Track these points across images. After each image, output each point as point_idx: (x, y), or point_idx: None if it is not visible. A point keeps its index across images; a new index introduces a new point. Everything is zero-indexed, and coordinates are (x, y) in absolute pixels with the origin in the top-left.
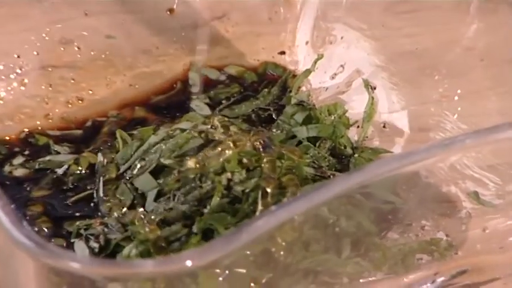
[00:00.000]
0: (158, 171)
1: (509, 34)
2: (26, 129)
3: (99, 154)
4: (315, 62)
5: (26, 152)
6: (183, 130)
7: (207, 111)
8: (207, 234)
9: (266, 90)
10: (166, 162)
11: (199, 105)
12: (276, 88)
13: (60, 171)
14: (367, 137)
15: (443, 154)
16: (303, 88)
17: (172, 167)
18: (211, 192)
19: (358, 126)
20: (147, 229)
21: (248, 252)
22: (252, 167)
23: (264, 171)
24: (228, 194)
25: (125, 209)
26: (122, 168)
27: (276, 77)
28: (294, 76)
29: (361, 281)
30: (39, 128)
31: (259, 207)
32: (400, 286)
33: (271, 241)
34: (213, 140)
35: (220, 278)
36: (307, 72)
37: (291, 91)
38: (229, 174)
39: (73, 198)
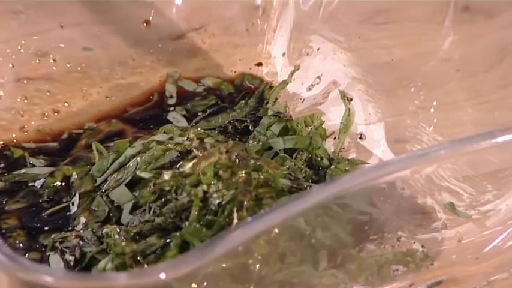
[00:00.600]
0: (134, 184)
1: (485, 45)
2: (1, 142)
3: (75, 167)
4: (292, 74)
5: (1, 165)
6: (159, 142)
7: (184, 123)
8: (183, 247)
9: (243, 101)
10: (143, 174)
11: (176, 117)
12: (252, 99)
13: (35, 184)
14: (343, 148)
15: (419, 165)
16: (280, 100)
17: (149, 180)
18: (187, 205)
19: (334, 138)
20: (122, 243)
21: (224, 265)
22: (228, 179)
23: (239, 184)
24: (204, 206)
25: (99, 223)
26: (98, 181)
27: (253, 89)
28: (271, 87)
29: None
30: (15, 140)
31: (235, 219)
32: None
33: (246, 253)
34: (189, 152)
35: None
36: (284, 83)
37: (267, 102)
38: (205, 187)
39: (48, 211)
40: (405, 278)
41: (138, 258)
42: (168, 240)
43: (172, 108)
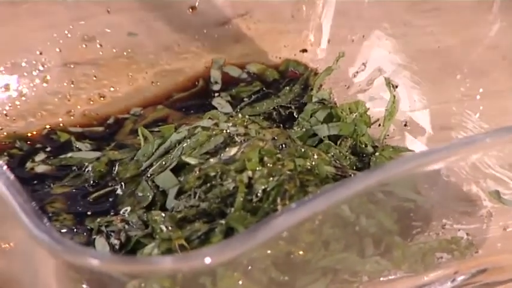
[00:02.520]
0: (179, 169)
1: None
2: (48, 126)
3: (120, 151)
4: (337, 60)
5: (48, 149)
6: (204, 128)
7: (228, 109)
8: (228, 233)
9: (287, 88)
10: (188, 160)
11: (220, 103)
12: (297, 86)
13: (81, 168)
14: (388, 135)
15: (464, 153)
16: (324, 86)
17: (194, 165)
18: (231, 191)
19: (379, 125)
20: (169, 228)
21: (267, 251)
22: (272, 166)
23: (284, 170)
24: (249, 192)
25: (144, 208)
26: (143, 166)
27: (297, 75)
28: (316, 74)
29: (380, 279)
30: (61, 124)
31: (279, 206)
32: (419, 285)
33: (290, 239)
34: (234, 138)
35: (239, 279)
36: (329, 70)
37: (312, 89)
38: (250, 173)
39: (94, 195)
40: (449, 266)
41: (183, 243)
42: (212, 226)
43: (217, 94)
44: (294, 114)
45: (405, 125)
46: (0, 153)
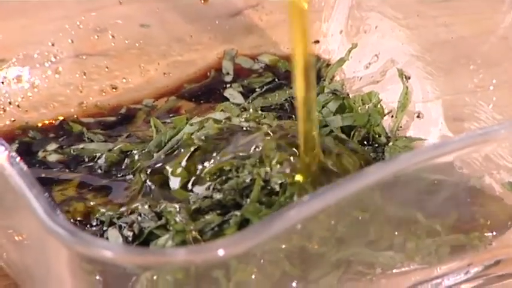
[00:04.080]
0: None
1: None
2: (61, 117)
3: (133, 143)
4: (349, 51)
5: (60, 139)
6: (216, 121)
7: (240, 99)
8: (242, 226)
9: None
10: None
11: (232, 94)
12: None
13: (94, 159)
14: (401, 126)
15: (478, 144)
16: (337, 77)
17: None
18: (248, 183)
19: (392, 116)
20: (183, 220)
21: (281, 244)
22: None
23: (300, 164)
24: (265, 185)
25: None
26: (155, 157)
27: None
28: (328, 65)
29: (394, 271)
30: (75, 116)
31: (296, 199)
32: (433, 277)
33: (303, 232)
34: (247, 131)
35: (253, 273)
36: (341, 61)
37: (324, 80)
38: (268, 168)
39: (106, 186)
40: (463, 258)
41: (197, 236)
42: (226, 218)
43: (228, 85)
44: None
45: (418, 116)
46: (12, 141)
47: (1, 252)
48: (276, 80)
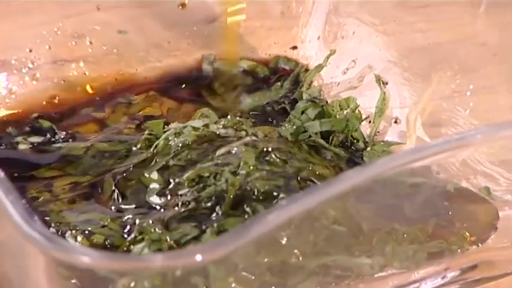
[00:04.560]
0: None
1: None
2: (35, 114)
3: (110, 143)
4: (327, 58)
5: (34, 137)
6: (195, 128)
7: (219, 102)
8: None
9: (278, 83)
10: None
11: (214, 98)
12: (287, 82)
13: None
14: (378, 132)
15: (455, 149)
16: (315, 83)
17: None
18: (224, 191)
19: (369, 122)
20: (158, 230)
21: (259, 251)
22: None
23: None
24: (243, 193)
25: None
26: (130, 161)
27: (288, 71)
28: (306, 70)
29: (372, 276)
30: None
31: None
32: (410, 281)
33: (282, 238)
34: (224, 138)
35: (232, 280)
36: (320, 67)
37: (302, 85)
38: (243, 173)
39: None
40: (440, 262)
41: (173, 245)
42: (203, 229)
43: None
44: (287, 109)
45: (395, 122)
46: None
47: None
48: (255, 83)
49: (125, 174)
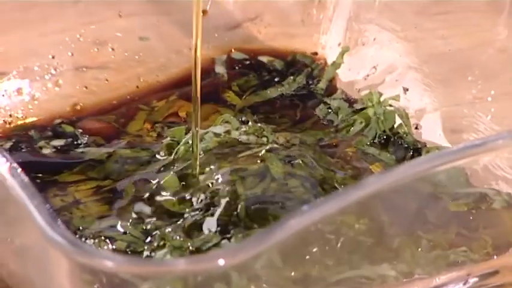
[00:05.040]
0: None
1: None
2: (59, 120)
3: (132, 149)
4: (342, 55)
5: (57, 141)
6: (216, 134)
7: (237, 100)
8: None
9: (291, 77)
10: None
11: (230, 96)
12: (301, 76)
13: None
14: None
15: (476, 155)
16: (338, 92)
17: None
18: (247, 198)
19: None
20: (179, 237)
21: (279, 259)
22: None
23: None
24: (265, 200)
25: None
26: (151, 167)
27: (304, 66)
28: (323, 69)
29: (393, 282)
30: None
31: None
32: (432, 287)
33: (303, 245)
34: (246, 145)
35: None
36: (336, 64)
37: (318, 81)
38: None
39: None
40: (462, 268)
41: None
42: (226, 235)
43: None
44: (297, 103)
45: (416, 128)
46: (9, 139)
47: (2, 263)
48: (269, 77)
49: (146, 180)
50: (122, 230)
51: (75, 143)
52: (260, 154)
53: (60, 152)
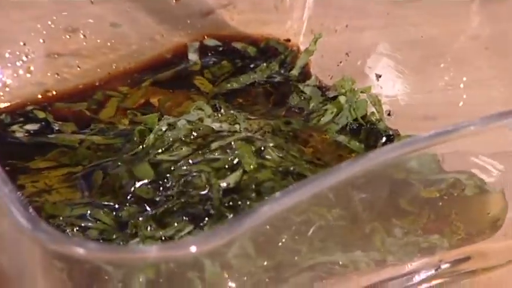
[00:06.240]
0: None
1: None
2: (31, 107)
3: (104, 136)
4: (315, 42)
5: (28, 126)
6: (189, 122)
7: (209, 87)
8: None
9: (264, 64)
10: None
11: (203, 82)
12: (274, 63)
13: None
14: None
15: (448, 141)
16: (313, 77)
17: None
18: (219, 186)
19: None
20: (151, 227)
21: (252, 244)
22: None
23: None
24: (238, 189)
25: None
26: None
27: (277, 53)
28: (296, 55)
29: (365, 268)
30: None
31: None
32: (404, 273)
33: (274, 231)
34: (218, 133)
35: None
36: (309, 51)
37: (291, 69)
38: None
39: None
40: (434, 255)
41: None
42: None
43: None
44: (270, 90)
45: (389, 115)
46: None
47: None
48: (243, 64)
49: (116, 167)
50: (93, 217)
51: (48, 128)
52: (232, 143)
53: (33, 137)
